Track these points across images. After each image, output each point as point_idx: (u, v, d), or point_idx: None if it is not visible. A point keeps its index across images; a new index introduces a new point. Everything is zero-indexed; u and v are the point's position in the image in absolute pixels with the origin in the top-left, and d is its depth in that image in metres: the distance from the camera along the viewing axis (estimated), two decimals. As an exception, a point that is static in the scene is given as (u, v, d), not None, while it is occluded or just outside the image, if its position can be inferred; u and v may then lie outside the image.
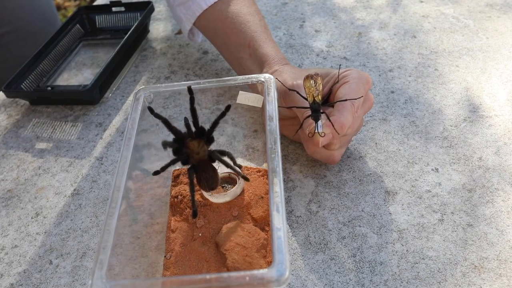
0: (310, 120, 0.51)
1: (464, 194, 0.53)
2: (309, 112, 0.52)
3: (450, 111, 0.64)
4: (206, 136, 0.48)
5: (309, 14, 0.88)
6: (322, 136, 0.50)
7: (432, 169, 0.56)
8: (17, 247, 0.54)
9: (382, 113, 0.65)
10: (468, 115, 0.63)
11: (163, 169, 0.47)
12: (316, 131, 0.50)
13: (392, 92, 0.68)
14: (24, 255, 0.53)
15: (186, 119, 0.47)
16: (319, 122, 0.50)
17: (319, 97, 0.51)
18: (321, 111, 0.51)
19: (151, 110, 0.47)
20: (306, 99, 0.52)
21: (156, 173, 0.47)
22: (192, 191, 0.46)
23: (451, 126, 0.62)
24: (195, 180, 0.47)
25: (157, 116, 0.47)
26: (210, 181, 0.47)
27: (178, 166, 0.59)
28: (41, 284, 0.50)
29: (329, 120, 0.50)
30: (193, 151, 0.47)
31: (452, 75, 0.70)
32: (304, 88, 0.52)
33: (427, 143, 0.60)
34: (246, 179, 0.48)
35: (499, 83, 0.67)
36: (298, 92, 0.53)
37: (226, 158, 0.48)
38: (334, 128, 0.50)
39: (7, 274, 0.52)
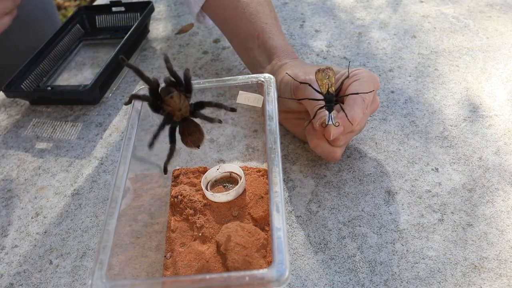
0: (323, 112, 0.51)
1: (464, 194, 0.53)
2: (321, 104, 0.52)
3: (450, 111, 0.64)
4: (183, 86, 0.45)
5: (309, 14, 0.88)
6: (337, 126, 0.50)
7: (432, 169, 0.56)
8: (17, 247, 0.54)
9: (382, 113, 0.65)
10: (468, 115, 0.63)
11: (154, 137, 0.45)
12: (329, 122, 0.50)
13: (392, 92, 0.68)
14: (24, 255, 0.53)
15: (165, 55, 0.45)
16: (332, 114, 0.50)
17: (333, 88, 0.51)
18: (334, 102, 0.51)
19: (122, 59, 0.45)
20: (319, 92, 0.52)
21: (150, 145, 0.45)
22: (173, 148, 0.46)
23: (451, 126, 0.62)
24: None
25: (129, 65, 0.45)
26: (197, 141, 0.47)
27: (178, 166, 0.59)
28: (41, 284, 0.50)
29: (343, 111, 0.50)
30: (175, 108, 0.45)
31: (452, 75, 0.70)
32: (317, 80, 0.52)
33: (427, 143, 0.60)
34: (233, 109, 0.47)
35: (499, 83, 0.67)
36: (310, 85, 0.53)
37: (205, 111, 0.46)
38: (348, 119, 0.50)
39: (7, 274, 0.52)
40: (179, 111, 0.45)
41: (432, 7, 0.86)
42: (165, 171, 0.47)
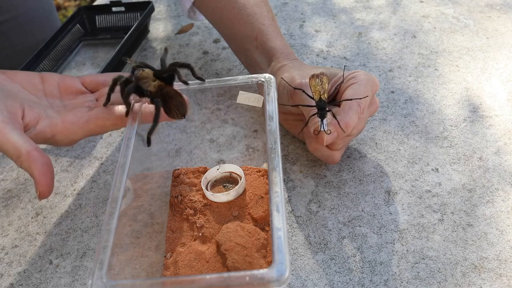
0: (316, 118, 0.51)
1: (464, 194, 0.53)
2: (315, 110, 0.52)
3: (450, 111, 0.64)
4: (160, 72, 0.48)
5: (309, 14, 0.88)
6: (328, 134, 0.50)
7: (432, 169, 0.56)
8: (17, 247, 0.54)
9: (382, 113, 0.65)
10: (468, 115, 0.63)
11: (126, 104, 0.47)
12: (322, 129, 0.50)
13: (392, 92, 0.68)
14: (24, 255, 0.53)
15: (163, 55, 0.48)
16: (325, 120, 0.50)
17: (325, 95, 0.51)
18: (327, 109, 0.51)
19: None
20: (312, 98, 0.52)
21: (126, 113, 0.47)
22: (157, 120, 0.46)
23: (451, 126, 0.62)
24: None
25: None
26: (180, 108, 0.47)
27: (178, 166, 0.59)
28: (41, 284, 0.50)
29: (335, 119, 0.50)
30: (148, 78, 0.46)
31: (452, 75, 0.70)
32: (310, 86, 0.52)
33: (427, 143, 0.60)
34: (201, 79, 0.50)
35: (499, 83, 0.67)
36: (304, 91, 0.53)
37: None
38: (340, 127, 0.50)
39: (7, 274, 0.52)
40: (154, 81, 0.47)
41: (432, 7, 0.86)
42: (148, 142, 0.46)
